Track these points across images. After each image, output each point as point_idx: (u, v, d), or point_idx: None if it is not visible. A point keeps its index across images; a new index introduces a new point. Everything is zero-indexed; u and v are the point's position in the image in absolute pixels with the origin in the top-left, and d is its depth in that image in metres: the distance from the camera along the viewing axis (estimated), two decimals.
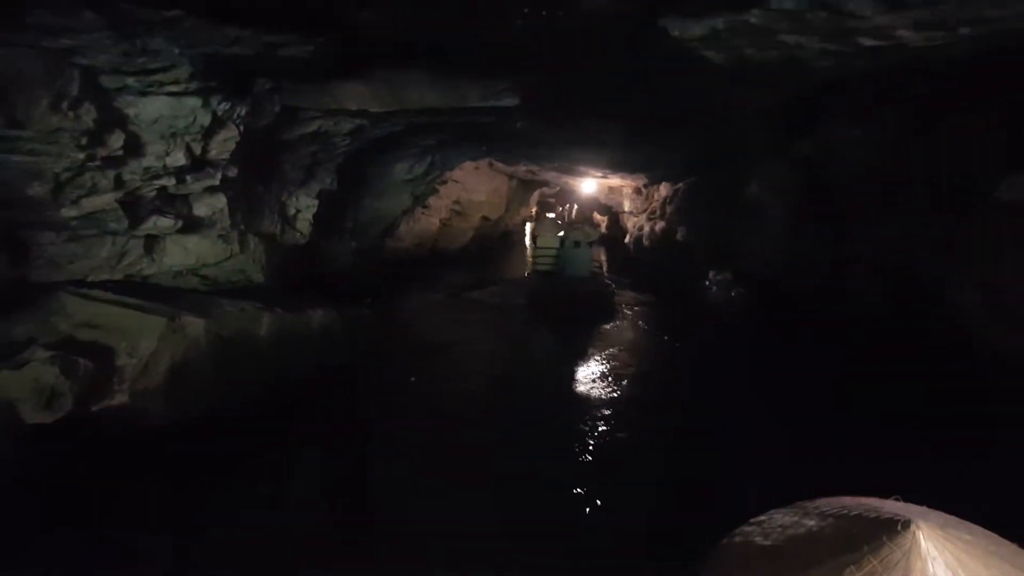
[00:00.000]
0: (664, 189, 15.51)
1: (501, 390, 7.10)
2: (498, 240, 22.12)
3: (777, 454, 5.10)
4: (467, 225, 18.68)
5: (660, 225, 15.49)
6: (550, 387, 7.37)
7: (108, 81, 4.25)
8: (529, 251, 15.43)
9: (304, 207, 7.37)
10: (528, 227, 25.42)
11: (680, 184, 14.40)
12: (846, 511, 1.19)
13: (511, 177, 19.26)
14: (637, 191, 16.87)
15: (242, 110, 5.07)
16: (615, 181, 16.65)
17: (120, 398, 5.24)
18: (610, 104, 7.26)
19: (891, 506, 1.15)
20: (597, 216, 29.85)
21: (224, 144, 5.13)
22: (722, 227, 12.00)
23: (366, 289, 10.44)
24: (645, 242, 15.88)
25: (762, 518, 1.37)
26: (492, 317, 11.17)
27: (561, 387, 7.31)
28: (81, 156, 4.29)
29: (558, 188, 25.63)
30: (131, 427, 5.13)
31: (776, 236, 9.75)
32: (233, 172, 5.46)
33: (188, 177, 5.20)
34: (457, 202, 17.65)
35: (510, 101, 6.45)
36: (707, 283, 14.13)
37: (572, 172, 16.17)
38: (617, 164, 13.18)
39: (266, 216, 6.81)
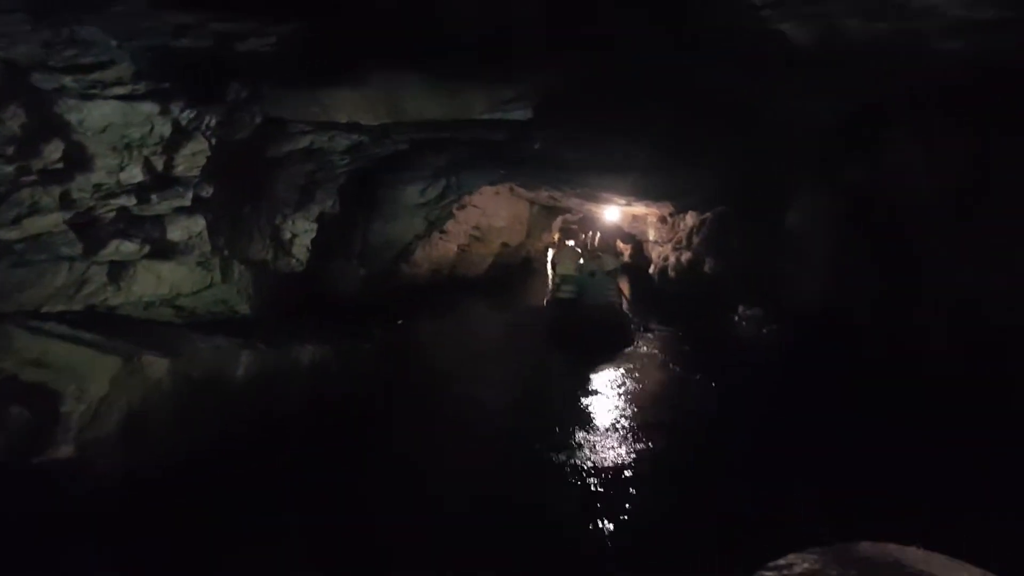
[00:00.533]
0: (691, 218, 14.62)
1: (500, 443, 6.07)
2: (518, 267, 21.31)
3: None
4: (486, 251, 17.91)
5: (686, 256, 14.57)
6: (557, 442, 6.14)
7: (41, 80, 3.54)
8: (549, 278, 14.87)
9: (301, 231, 6.63)
10: (549, 254, 24.62)
11: (708, 213, 13.49)
12: (868, 561, 1.32)
13: (532, 203, 18.50)
14: (662, 220, 15.98)
15: (212, 120, 4.32)
16: (639, 209, 15.80)
17: (65, 449, 4.44)
18: (636, 117, 6.39)
19: (912, 556, 1.29)
20: (620, 245, 28.95)
21: (192, 159, 4.39)
22: (755, 259, 11.06)
23: (376, 317, 9.68)
24: (670, 273, 14.95)
25: (781, 562, 1.48)
26: (503, 347, 10.34)
27: (569, 443, 6.11)
28: (10, 169, 3.55)
29: (581, 215, 24.83)
30: (73, 482, 4.34)
31: (819, 270, 8.80)
32: (208, 191, 4.71)
33: (153, 196, 4.45)
34: (476, 228, 16.89)
35: (521, 113, 5.63)
36: (736, 318, 13.21)
37: (595, 199, 15.36)
38: (642, 190, 12.34)
39: (255, 241, 6.06)
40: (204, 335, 5.31)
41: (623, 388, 8.41)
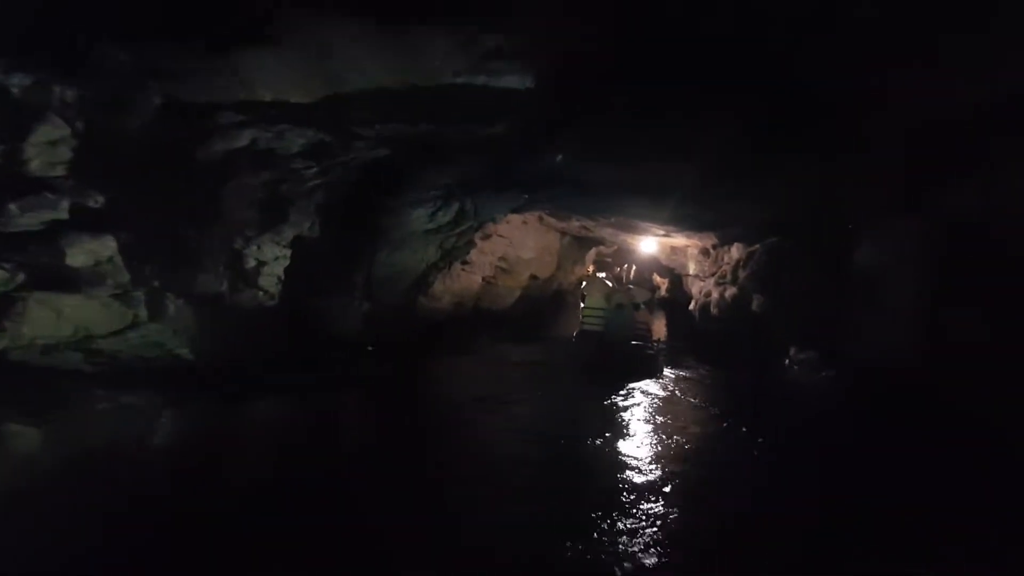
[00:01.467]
0: (736, 251, 12.98)
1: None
2: (549, 301, 19.81)
3: None
4: (514, 284, 16.48)
5: (731, 292, 12.91)
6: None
7: None
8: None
9: (270, 258, 5.34)
10: (583, 286, 23.13)
11: (757, 246, 11.85)
12: None
13: (563, 234, 17.07)
14: (704, 252, 14.37)
15: (70, 93, 3.04)
16: (679, 240, 14.23)
17: None
18: (689, 122, 4.90)
19: None
20: (657, 279, 27.25)
21: (50, 150, 3.11)
22: (813, 299, 9.41)
23: (381, 358, 8.33)
24: (713, 310, 13.29)
25: None
26: (517, 387, 8.89)
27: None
28: None
29: (615, 247, 23.31)
30: None
31: (900, 316, 7.14)
32: (99, 201, 3.42)
33: (11, 206, 3.15)
34: (503, 259, 15.51)
35: (516, 80, 4.05)
36: (787, 361, 11.51)
37: (630, 228, 13.84)
38: (682, 219, 10.81)
39: (205, 270, 4.76)
40: (114, 389, 4.01)
41: (647, 434, 6.87)
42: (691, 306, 14.62)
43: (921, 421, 7.05)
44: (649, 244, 15.34)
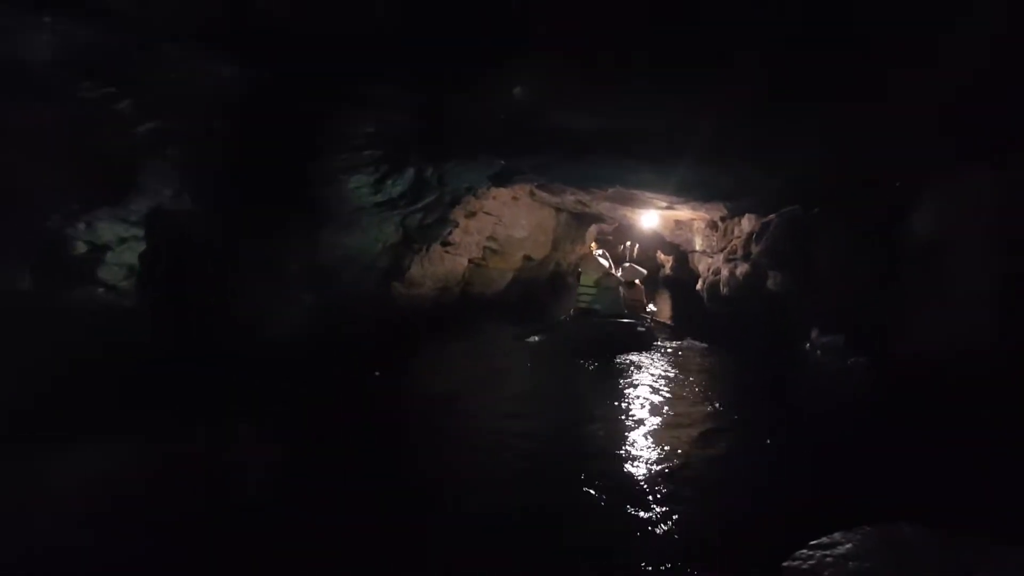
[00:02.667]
0: (747, 223, 11.23)
1: None
2: (546, 283, 18.12)
3: None
4: (506, 266, 14.79)
5: (742, 269, 11.18)
6: None
7: None
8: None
9: (112, 241, 3.71)
10: (580, 265, 21.41)
11: (772, 216, 10.08)
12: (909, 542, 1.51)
13: (558, 210, 15.32)
14: (711, 226, 12.60)
15: None
16: (683, 213, 12.46)
17: None
18: (708, 62, 3.25)
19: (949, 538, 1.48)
20: (661, 256, 25.36)
21: None
22: (846, 274, 7.68)
23: (327, 365, 6.70)
24: (722, 289, 11.56)
25: (825, 540, 1.75)
26: (497, 377, 7.77)
27: None
28: None
29: (616, 224, 21.51)
30: None
31: (964, 294, 5.43)
32: None
33: None
34: (492, 239, 13.80)
35: None
36: (807, 345, 9.82)
37: (630, 201, 12.08)
38: (689, 188, 9.08)
39: None
40: None
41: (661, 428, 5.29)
42: (698, 285, 12.87)
43: (989, 427, 5.42)
44: (651, 219, 13.56)
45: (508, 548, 3.82)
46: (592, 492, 4.74)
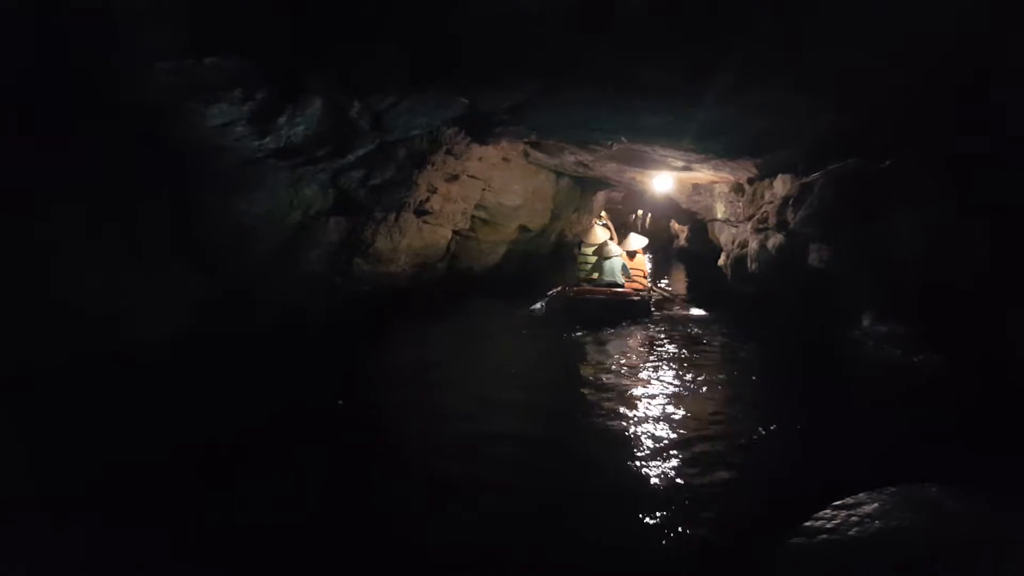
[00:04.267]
0: (781, 185, 9.19)
1: None
2: (547, 256, 16.11)
3: None
4: (498, 237, 12.82)
5: (775, 240, 9.17)
6: None
7: None
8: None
9: None
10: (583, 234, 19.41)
11: (816, 175, 8.01)
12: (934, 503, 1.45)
13: (558, 175, 13.23)
14: (736, 189, 10.51)
15: None
16: (703, 174, 10.36)
17: None
18: None
19: (974, 499, 1.45)
20: (675, 226, 23.12)
21: None
22: (937, 248, 5.66)
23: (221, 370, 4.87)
24: (750, 265, 9.53)
25: (850, 500, 1.66)
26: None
27: None
28: None
29: (625, 192, 19.39)
30: None
31: None
32: None
33: None
34: (481, 207, 11.82)
35: None
36: (856, 333, 7.94)
37: (639, 161, 10.01)
38: (711, 139, 7.01)
39: None
40: None
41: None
42: (720, 259, 10.81)
43: None
44: (664, 182, 11.46)
45: None
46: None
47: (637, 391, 6.74)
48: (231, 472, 3.96)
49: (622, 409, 6.04)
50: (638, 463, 4.68)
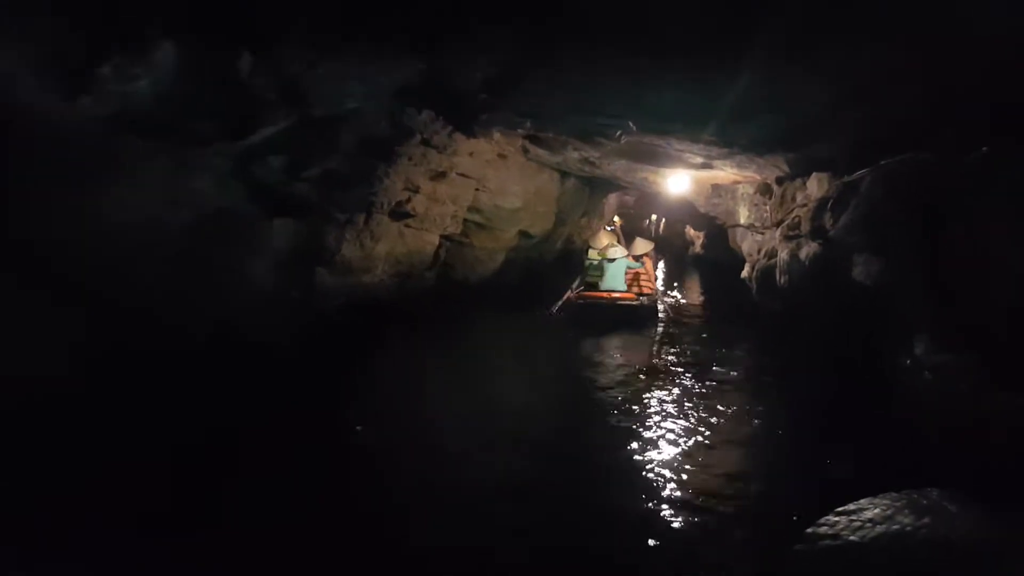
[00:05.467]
0: (817, 186, 7.79)
1: None
2: (552, 264, 14.74)
3: None
4: (496, 244, 11.50)
5: (809, 249, 7.76)
6: None
7: None
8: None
9: None
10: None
11: (863, 173, 6.62)
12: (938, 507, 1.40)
13: (563, 175, 11.89)
14: (763, 191, 9.10)
15: None
16: (724, 174, 8.97)
17: None
18: None
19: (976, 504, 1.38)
20: (690, 232, 21.62)
21: None
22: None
23: None
24: (780, 278, 8.11)
25: (851, 507, 1.63)
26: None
27: None
28: None
29: (638, 195, 18.00)
30: None
31: None
32: None
33: None
34: (476, 209, 10.51)
35: None
36: (908, 362, 6.53)
37: (651, 157, 8.65)
38: (743, 120, 5.61)
39: None
40: None
41: None
42: (744, 271, 9.37)
43: None
44: (680, 182, 10.05)
45: None
46: None
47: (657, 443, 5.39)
48: None
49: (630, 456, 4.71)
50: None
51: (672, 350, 8.68)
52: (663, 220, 24.02)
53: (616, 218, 24.81)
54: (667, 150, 7.96)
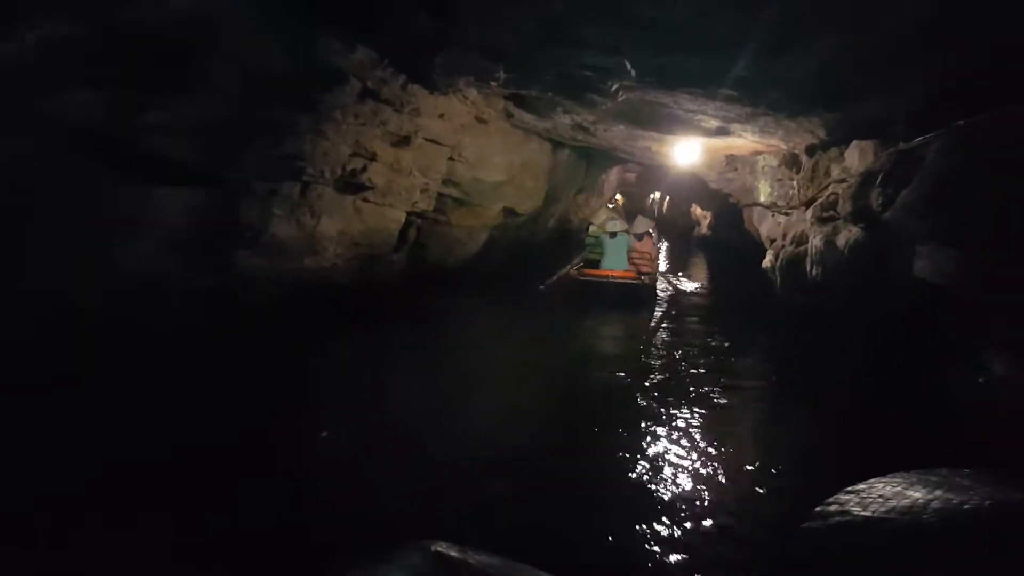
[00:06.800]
0: (859, 155, 6.25)
1: None
2: (544, 245, 13.14)
3: None
4: (477, 222, 9.96)
5: (851, 235, 6.23)
6: None
7: None
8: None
9: None
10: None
11: (929, 138, 5.04)
12: (948, 481, 1.35)
13: (556, 144, 10.30)
14: (789, 163, 7.52)
15: None
16: (743, 140, 7.38)
17: None
18: None
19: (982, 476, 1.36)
20: (697, 211, 19.94)
21: None
22: None
23: None
24: (811, 269, 6.57)
25: (861, 486, 1.58)
26: None
27: None
28: None
29: (639, 169, 16.34)
30: None
31: None
32: None
33: None
34: (451, 182, 8.97)
35: None
36: (980, 380, 4.98)
37: (656, 122, 7.09)
38: (761, 87, 3.97)
39: None
40: None
41: None
42: (766, 260, 7.80)
43: None
44: (688, 152, 8.42)
45: None
46: None
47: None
48: None
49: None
50: None
51: (672, 355, 7.18)
52: (667, 199, 22.31)
53: (618, 196, 23.10)
54: (675, 111, 6.37)
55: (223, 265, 5.62)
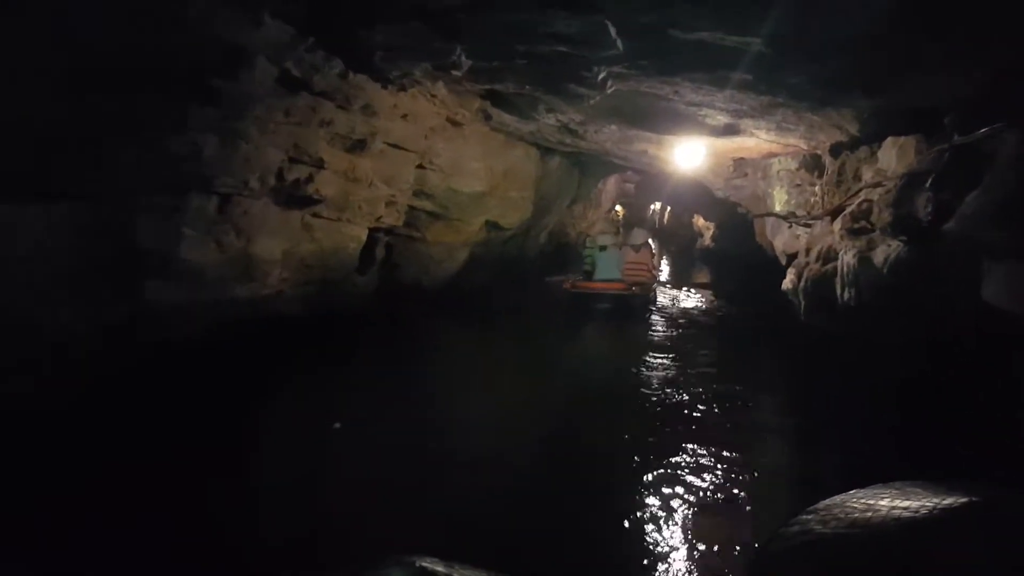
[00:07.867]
0: (897, 154, 5.07)
1: None
2: (537, 261, 11.98)
3: None
4: (456, 238, 8.83)
5: (890, 250, 5.00)
6: None
7: None
8: None
9: None
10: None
11: (998, 129, 3.84)
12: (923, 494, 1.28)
13: (543, 150, 9.19)
14: (809, 165, 6.38)
15: None
16: (755, 141, 6.24)
17: None
18: None
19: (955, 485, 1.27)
20: (699, 222, 18.76)
21: None
22: None
23: None
24: (842, 292, 5.38)
25: (821, 505, 1.45)
26: None
27: None
28: None
29: (637, 178, 15.21)
30: None
31: None
32: None
33: None
34: (424, 193, 7.86)
35: None
36: None
37: (653, 120, 5.99)
38: (783, 72, 2.80)
39: None
40: None
41: None
42: (786, 282, 6.60)
43: None
44: (691, 155, 7.26)
45: None
46: None
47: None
48: None
49: None
50: None
51: (669, 393, 6.00)
52: (667, 209, 21.14)
53: (618, 207, 21.94)
54: (675, 104, 5.25)
55: (128, 297, 4.51)
